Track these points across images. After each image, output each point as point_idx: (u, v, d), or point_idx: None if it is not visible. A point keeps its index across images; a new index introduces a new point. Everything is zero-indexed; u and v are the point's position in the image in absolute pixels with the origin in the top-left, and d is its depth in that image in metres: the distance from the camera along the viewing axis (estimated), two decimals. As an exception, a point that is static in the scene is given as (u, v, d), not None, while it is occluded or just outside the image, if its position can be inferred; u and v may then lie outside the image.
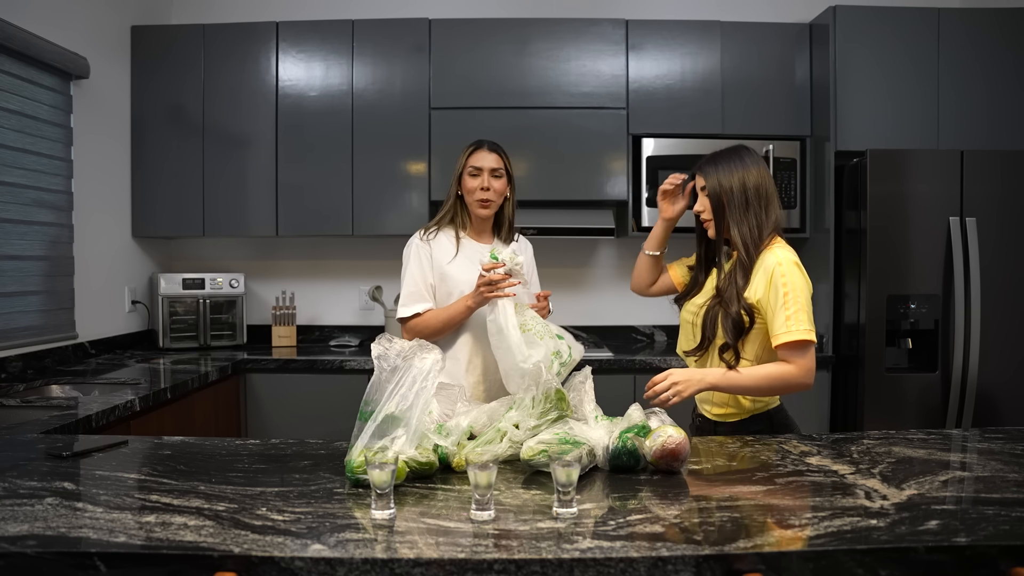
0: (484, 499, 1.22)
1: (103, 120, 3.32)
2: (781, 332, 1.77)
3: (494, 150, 2.22)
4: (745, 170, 1.87)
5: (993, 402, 3.04)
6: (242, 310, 3.66)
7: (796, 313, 1.76)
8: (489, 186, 2.18)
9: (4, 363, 2.67)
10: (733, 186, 1.87)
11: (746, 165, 1.88)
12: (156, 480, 1.42)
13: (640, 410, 1.57)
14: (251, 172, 3.50)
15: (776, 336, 1.79)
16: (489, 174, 2.18)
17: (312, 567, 1.05)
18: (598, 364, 3.21)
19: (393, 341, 1.52)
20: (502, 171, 2.21)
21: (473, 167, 2.19)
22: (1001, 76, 3.30)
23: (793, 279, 1.79)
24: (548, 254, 2.58)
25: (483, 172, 2.18)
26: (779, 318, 1.78)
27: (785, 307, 1.77)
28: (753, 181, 1.86)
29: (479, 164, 2.19)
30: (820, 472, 1.47)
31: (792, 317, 1.76)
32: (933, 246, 3.06)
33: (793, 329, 1.76)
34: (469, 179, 2.20)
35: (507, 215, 2.29)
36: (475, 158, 2.20)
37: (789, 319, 1.76)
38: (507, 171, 2.23)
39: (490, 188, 2.18)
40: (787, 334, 1.76)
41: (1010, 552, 1.09)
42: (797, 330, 1.76)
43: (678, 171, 2.12)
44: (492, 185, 2.19)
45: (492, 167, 2.19)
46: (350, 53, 3.47)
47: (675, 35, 3.46)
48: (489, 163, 2.19)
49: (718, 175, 1.89)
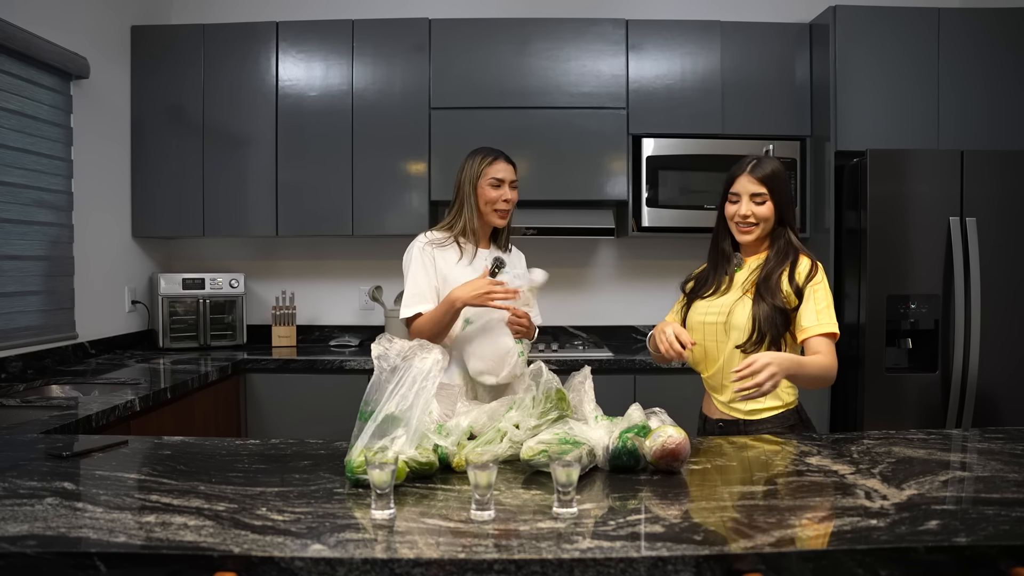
0: (484, 499, 1.22)
1: (103, 120, 3.32)
2: (813, 324, 1.84)
3: (509, 161, 2.30)
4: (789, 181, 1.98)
5: (993, 402, 3.04)
6: (242, 310, 3.66)
7: (827, 309, 1.86)
8: (509, 198, 2.26)
9: (4, 363, 2.67)
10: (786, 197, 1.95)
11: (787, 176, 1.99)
12: (156, 480, 1.42)
13: (640, 410, 1.57)
14: (251, 172, 3.50)
15: (807, 329, 1.84)
16: (509, 186, 2.26)
17: (312, 567, 1.05)
18: (598, 364, 3.21)
19: (393, 341, 1.52)
20: (517, 182, 2.31)
21: (495, 179, 2.24)
22: (1001, 76, 3.30)
23: (823, 279, 1.90)
24: (548, 254, 2.59)
25: (504, 184, 2.25)
26: (811, 313, 1.85)
27: (816, 301, 1.85)
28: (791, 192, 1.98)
29: (500, 176, 2.24)
30: (820, 472, 1.47)
31: (823, 312, 1.85)
32: (933, 246, 3.06)
33: (826, 322, 1.84)
34: (491, 190, 2.24)
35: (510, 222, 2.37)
36: (495, 169, 2.24)
37: (820, 312, 1.85)
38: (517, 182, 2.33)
39: (509, 199, 2.26)
40: (820, 326, 1.83)
41: (1010, 552, 1.09)
42: (830, 323, 1.84)
43: (678, 171, 2.13)
44: (511, 197, 2.27)
45: (512, 179, 2.27)
46: (350, 53, 3.47)
47: (675, 35, 3.46)
48: (509, 175, 2.26)
49: (779, 185, 1.93)
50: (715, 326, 1.94)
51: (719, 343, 1.94)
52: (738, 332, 1.89)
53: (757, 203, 1.92)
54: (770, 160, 1.96)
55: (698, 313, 1.99)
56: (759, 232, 1.94)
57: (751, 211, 1.93)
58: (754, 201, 1.92)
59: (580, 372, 1.65)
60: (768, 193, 1.92)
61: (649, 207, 3.41)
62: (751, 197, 1.92)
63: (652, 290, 3.79)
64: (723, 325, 1.92)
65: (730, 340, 1.91)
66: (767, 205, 1.92)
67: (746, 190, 1.93)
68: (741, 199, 1.93)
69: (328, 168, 3.48)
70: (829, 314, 1.85)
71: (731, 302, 1.92)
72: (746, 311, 1.88)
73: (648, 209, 3.41)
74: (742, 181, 1.94)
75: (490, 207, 2.25)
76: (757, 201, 1.92)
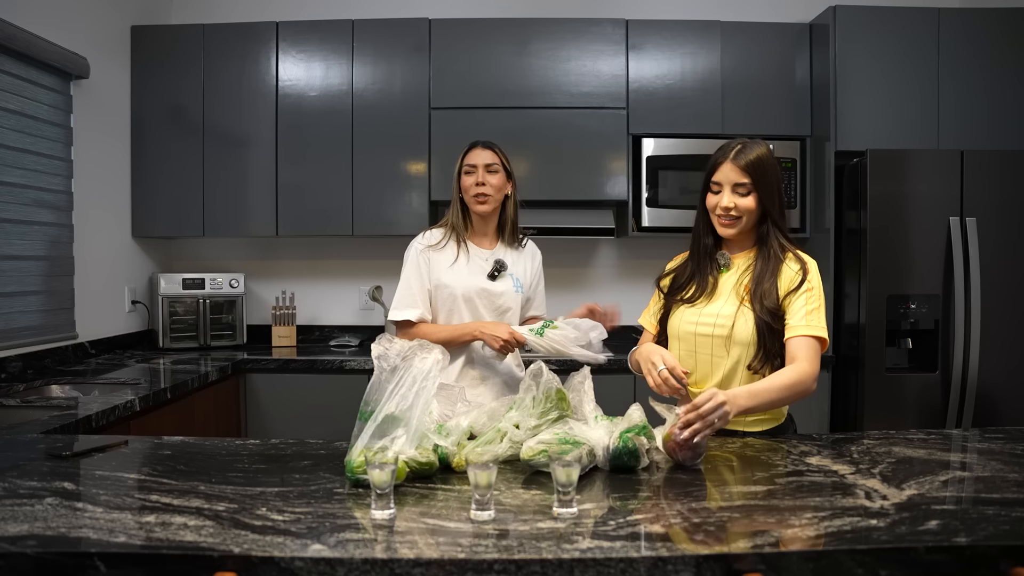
0: (484, 499, 1.22)
1: (103, 120, 3.32)
2: (800, 324, 1.70)
3: (488, 147, 2.23)
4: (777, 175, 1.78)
5: (993, 402, 3.04)
6: (242, 310, 3.66)
7: (817, 311, 1.72)
8: (484, 181, 2.18)
9: (4, 363, 2.67)
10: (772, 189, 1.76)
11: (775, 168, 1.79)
12: (156, 480, 1.42)
13: (640, 410, 1.57)
14: (251, 172, 3.50)
15: (793, 328, 1.71)
16: (484, 170, 2.19)
17: (312, 567, 1.05)
18: (598, 364, 3.21)
19: (393, 341, 1.52)
20: (497, 166, 2.21)
21: (468, 165, 2.21)
22: (1001, 76, 3.30)
23: (818, 281, 1.77)
24: (548, 254, 2.58)
25: (478, 168, 2.19)
26: (799, 312, 1.71)
27: (807, 303, 1.72)
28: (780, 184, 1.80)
29: (473, 161, 2.21)
30: (820, 472, 1.47)
31: (813, 313, 1.71)
32: (933, 246, 3.05)
33: (814, 324, 1.71)
34: (465, 177, 2.22)
35: (509, 215, 2.28)
36: (469, 156, 2.23)
37: (810, 314, 1.71)
38: (505, 167, 2.23)
39: (485, 183, 2.18)
40: (807, 327, 1.70)
41: (1010, 552, 1.08)
42: (819, 326, 1.71)
43: (678, 171, 2.09)
44: (487, 180, 2.19)
45: (486, 163, 2.19)
46: (350, 53, 3.47)
47: (675, 35, 3.46)
48: (483, 159, 2.20)
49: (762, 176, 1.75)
50: (710, 339, 1.78)
51: (715, 357, 1.78)
52: (741, 348, 1.75)
53: (740, 194, 1.75)
54: (757, 145, 1.78)
55: (687, 322, 1.82)
56: (741, 226, 1.78)
57: (734, 203, 1.75)
58: (737, 192, 1.75)
59: (579, 372, 1.64)
60: (752, 183, 1.74)
61: (649, 207, 3.41)
62: (734, 188, 1.75)
63: (652, 290, 3.78)
64: (724, 340, 1.76)
65: (730, 356, 1.76)
66: (751, 197, 1.75)
67: (728, 179, 1.75)
68: (723, 189, 1.76)
69: (328, 168, 3.48)
70: (819, 317, 1.72)
71: (730, 313, 1.76)
72: (749, 326, 1.74)
73: (648, 209, 3.41)
74: (724, 169, 1.76)
75: (468, 195, 2.21)
76: (740, 192, 1.75)
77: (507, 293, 2.24)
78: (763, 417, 1.80)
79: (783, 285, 1.76)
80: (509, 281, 2.25)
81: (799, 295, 1.73)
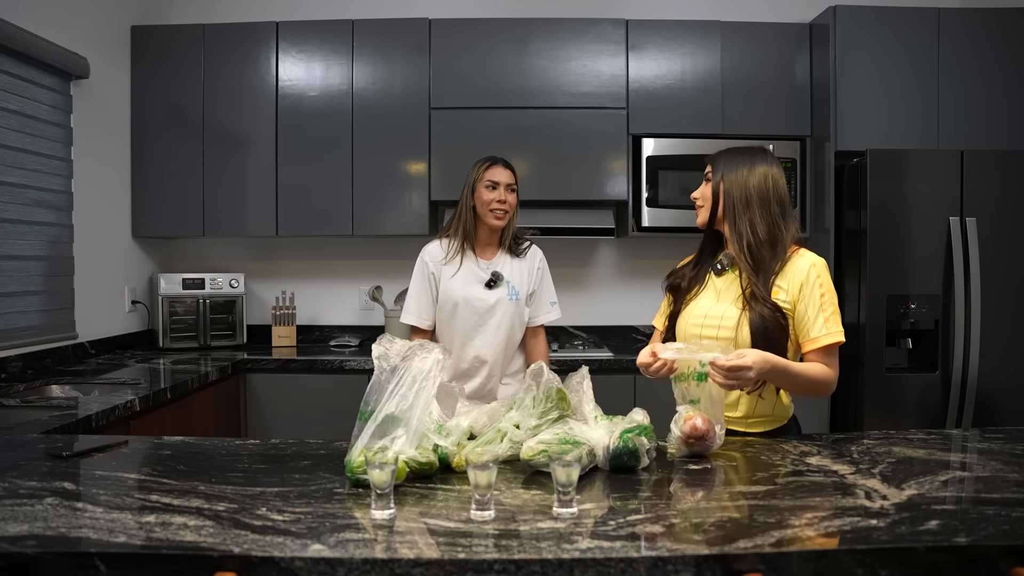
0: (484, 499, 1.22)
1: (103, 120, 3.32)
2: (823, 334, 1.71)
3: (508, 166, 2.43)
4: (751, 170, 1.77)
5: (993, 402, 3.04)
6: (242, 310, 3.66)
7: (833, 315, 1.73)
8: (505, 199, 2.38)
9: (4, 363, 2.67)
10: (735, 181, 1.77)
11: (754, 164, 1.78)
12: (156, 480, 1.42)
13: (643, 412, 1.57)
14: (251, 172, 3.50)
15: (815, 339, 1.72)
16: (505, 188, 2.38)
17: (312, 567, 1.05)
18: (598, 364, 3.22)
19: (393, 341, 1.52)
20: (515, 186, 2.42)
21: (491, 181, 2.38)
22: (1001, 76, 3.30)
23: (828, 281, 1.76)
24: (548, 254, 2.59)
25: (500, 186, 2.38)
26: (819, 319, 1.72)
27: (823, 308, 1.72)
28: (756, 181, 1.76)
29: (497, 179, 2.38)
30: (820, 472, 1.47)
31: (830, 319, 1.72)
32: (933, 246, 3.05)
33: (833, 331, 1.72)
34: (486, 192, 2.38)
35: (512, 227, 2.48)
36: (492, 173, 2.40)
37: (828, 321, 1.72)
38: (516, 187, 2.44)
39: (506, 201, 2.38)
40: (829, 336, 1.71)
41: (1010, 552, 1.08)
42: (838, 331, 1.72)
43: (678, 171, 2.10)
44: (508, 199, 2.39)
45: (508, 182, 2.39)
46: (350, 53, 3.47)
47: (675, 35, 3.46)
48: (505, 178, 2.39)
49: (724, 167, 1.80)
50: (715, 340, 1.75)
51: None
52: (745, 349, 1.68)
53: (706, 182, 1.84)
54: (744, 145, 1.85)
55: (693, 324, 1.82)
56: (704, 216, 1.83)
57: (700, 191, 1.84)
58: (705, 179, 1.84)
59: (578, 372, 1.64)
60: (711, 170, 1.81)
61: (649, 207, 3.40)
62: (705, 178, 1.84)
63: (652, 290, 3.76)
64: (729, 341, 1.75)
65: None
66: (709, 185, 1.81)
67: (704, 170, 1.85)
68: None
69: (328, 168, 3.48)
70: (836, 321, 1.73)
71: (734, 315, 1.76)
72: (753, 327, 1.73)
73: (648, 209, 3.41)
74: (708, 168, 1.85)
75: (486, 208, 2.38)
76: (706, 179, 1.83)
77: (500, 301, 2.43)
78: (766, 418, 1.81)
79: (789, 286, 1.75)
80: (504, 290, 2.43)
81: (812, 301, 1.73)
